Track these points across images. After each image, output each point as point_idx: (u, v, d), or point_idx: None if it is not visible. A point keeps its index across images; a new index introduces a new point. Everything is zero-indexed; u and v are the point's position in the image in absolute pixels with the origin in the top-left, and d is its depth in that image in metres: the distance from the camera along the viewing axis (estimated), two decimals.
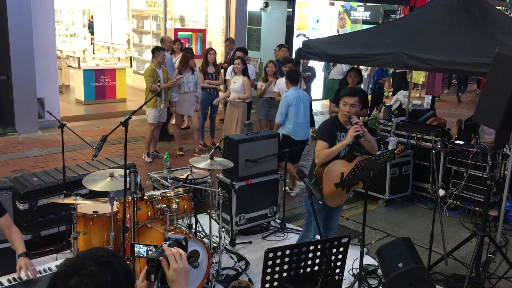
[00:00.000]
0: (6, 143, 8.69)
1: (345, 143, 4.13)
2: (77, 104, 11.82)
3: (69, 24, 15.34)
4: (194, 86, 8.09)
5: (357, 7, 15.81)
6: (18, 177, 5.24)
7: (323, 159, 4.14)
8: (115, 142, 8.80)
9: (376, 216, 6.34)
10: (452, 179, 6.46)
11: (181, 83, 7.93)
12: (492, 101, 4.07)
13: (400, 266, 4.27)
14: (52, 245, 4.93)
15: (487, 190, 4.53)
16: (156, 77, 7.71)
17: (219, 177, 5.59)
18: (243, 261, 4.92)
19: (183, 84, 7.96)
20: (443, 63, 5.68)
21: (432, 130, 6.80)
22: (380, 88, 11.48)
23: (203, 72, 8.73)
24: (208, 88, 8.68)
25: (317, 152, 4.19)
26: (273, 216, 5.77)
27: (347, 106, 4.17)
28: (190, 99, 8.08)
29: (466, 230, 5.93)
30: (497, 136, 4.62)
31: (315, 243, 2.94)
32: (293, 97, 6.49)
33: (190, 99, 8.09)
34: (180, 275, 1.67)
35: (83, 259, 1.47)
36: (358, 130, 4.06)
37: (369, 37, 6.91)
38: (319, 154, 4.16)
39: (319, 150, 4.16)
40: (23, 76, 9.02)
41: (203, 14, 13.19)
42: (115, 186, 3.98)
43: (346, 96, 4.19)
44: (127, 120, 3.82)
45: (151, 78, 7.71)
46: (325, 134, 4.22)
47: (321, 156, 4.15)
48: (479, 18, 6.25)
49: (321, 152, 4.15)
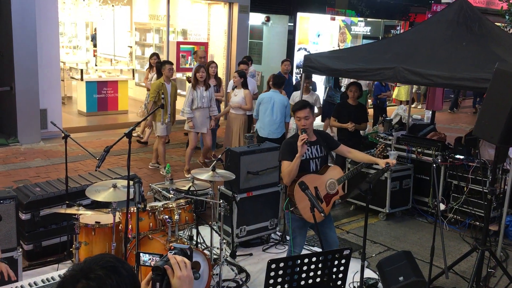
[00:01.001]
0: (9, 153, 8.73)
1: (298, 156, 4.08)
2: (79, 115, 11.88)
3: (72, 36, 15.47)
4: (208, 103, 7.71)
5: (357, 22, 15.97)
6: (20, 187, 5.26)
7: (288, 177, 4.11)
8: (117, 153, 8.83)
9: (376, 230, 6.35)
10: (452, 194, 6.48)
11: (194, 97, 7.60)
12: (492, 116, 4.11)
13: (400, 280, 4.28)
14: (53, 255, 4.94)
15: (488, 204, 4.55)
16: (161, 91, 7.64)
17: (221, 189, 5.61)
18: (243, 273, 4.92)
19: (196, 99, 7.61)
20: (443, 78, 5.73)
21: (432, 145, 6.84)
22: (381, 103, 11.54)
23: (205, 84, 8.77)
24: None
25: (282, 172, 4.19)
26: (274, 228, 5.78)
27: (301, 120, 4.19)
28: (202, 115, 7.71)
29: (466, 244, 5.93)
30: (497, 151, 4.66)
31: (318, 255, 2.96)
32: (266, 96, 7.37)
33: (203, 115, 7.72)
34: (184, 283, 1.69)
35: (90, 264, 1.52)
36: (303, 139, 4.06)
37: (369, 52, 6.98)
38: (283, 174, 4.16)
39: (283, 170, 4.17)
40: (26, 87, 9.10)
41: (205, 28, 13.32)
42: (118, 197, 4.00)
43: (297, 111, 4.21)
44: (131, 131, 3.87)
45: (156, 92, 7.65)
46: (286, 153, 4.19)
47: (284, 174, 4.14)
48: (479, 34, 6.32)
49: (284, 172, 4.15)
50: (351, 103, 7.15)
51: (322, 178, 4.23)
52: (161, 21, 12.82)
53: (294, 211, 4.15)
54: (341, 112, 7.17)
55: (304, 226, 4.31)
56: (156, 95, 7.67)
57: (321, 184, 4.19)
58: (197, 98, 7.61)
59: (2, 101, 9.75)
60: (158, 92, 7.67)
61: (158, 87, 7.70)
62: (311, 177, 4.18)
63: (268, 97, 7.32)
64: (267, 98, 7.32)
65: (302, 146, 4.06)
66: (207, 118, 7.81)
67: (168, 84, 7.79)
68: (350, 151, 4.45)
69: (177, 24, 13.30)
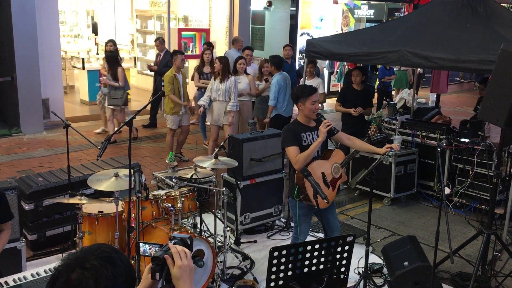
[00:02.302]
0: (11, 143, 8.73)
1: (320, 141, 4.06)
2: (82, 104, 11.86)
3: (73, 25, 15.38)
4: (225, 95, 7.27)
5: (360, 5, 15.77)
6: (23, 178, 5.26)
7: (303, 163, 4.01)
8: (120, 142, 8.82)
9: (381, 215, 6.32)
10: (457, 177, 6.43)
11: (213, 89, 7.37)
12: (498, 99, 4.04)
13: (405, 265, 4.25)
14: (57, 245, 4.95)
15: (493, 188, 4.50)
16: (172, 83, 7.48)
17: (224, 176, 5.59)
18: (248, 260, 4.92)
19: (211, 90, 7.41)
20: (448, 61, 5.65)
21: (437, 128, 6.78)
22: (385, 86, 11.43)
23: (199, 72, 8.77)
24: (203, 88, 8.62)
25: (293, 158, 4.06)
26: (278, 215, 5.76)
27: (316, 104, 4.17)
28: (219, 108, 7.36)
29: (472, 228, 5.90)
30: (503, 134, 4.60)
31: (321, 242, 2.93)
32: (282, 82, 7.58)
33: (220, 108, 7.35)
34: (184, 273, 1.67)
35: (86, 253, 1.51)
36: (328, 125, 4.04)
37: (373, 35, 6.88)
38: (297, 160, 4.03)
39: (295, 156, 4.05)
40: (27, 77, 9.06)
41: (207, 14, 13.20)
42: (120, 186, 3.98)
43: (312, 95, 4.15)
44: (131, 120, 3.82)
45: (171, 85, 7.49)
46: (291, 139, 4.13)
47: (300, 160, 4.02)
48: (484, 15, 6.21)
49: (298, 157, 4.03)
50: (356, 87, 7.07)
51: (327, 163, 4.20)
52: (162, 8, 12.70)
53: (304, 199, 4.11)
54: (346, 97, 7.09)
55: (309, 213, 4.29)
56: (171, 87, 7.47)
57: (327, 169, 4.16)
58: (213, 89, 7.38)
59: (4, 91, 9.73)
60: (172, 84, 7.49)
61: (172, 79, 7.51)
62: (318, 163, 4.15)
63: (283, 82, 7.56)
64: (284, 83, 7.57)
65: (326, 132, 4.05)
66: (224, 112, 7.36)
67: (179, 75, 7.63)
68: (350, 138, 4.40)
69: (178, 11, 13.18)
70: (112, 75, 8.52)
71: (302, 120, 4.26)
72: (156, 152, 8.52)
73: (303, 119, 4.24)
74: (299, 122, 4.27)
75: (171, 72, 7.62)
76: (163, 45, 9.87)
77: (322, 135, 4.07)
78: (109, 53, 8.97)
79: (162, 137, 9.35)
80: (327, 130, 4.05)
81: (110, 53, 8.94)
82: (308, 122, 4.24)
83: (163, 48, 9.82)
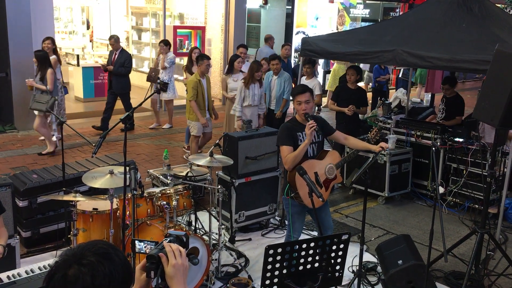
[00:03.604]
0: (5, 140, 8.68)
1: (306, 143, 4.07)
2: (76, 101, 11.82)
3: (68, 21, 15.30)
4: (259, 100, 7.37)
5: (356, 4, 15.80)
6: (17, 174, 5.24)
7: (292, 163, 4.05)
8: (115, 139, 8.80)
9: (375, 214, 6.34)
10: (451, 177, 6.46)
11: (246, 95, 7.21)
12: (492, 98, 4.06)
13: (399, 263, 4.27)
14: (51, 242, 4.93)
15: (487, 187, 4.53)
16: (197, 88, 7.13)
17: (219, 174, 5.58)
18: (242, 258, 4.92)
19: (247, 97, 7.20)
20: (443, 61, 5.67)
21: (431, 128, 6.80)
22: (380, 86, 11.46)
23: (188, 71, 8.71)
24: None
25: (284, 158, 4.11)
26: (272, 213, 5.76)
27: (302, 105, 4.14)
28: (252, 113, 7.34)
29: (465, 227, 5.93)
30: (497, 134, 4.62)
31: (316, 240, 2.94)
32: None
33: (253, 113, 7.34)
34: (178, 272, 1.68)
35: (83, 250, 1.52)
36: (312, 126, 4.01)
37: (368, 35, 6.89)
38: (287, 160, 4.08)
39: (286, 156, 4.09)
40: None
41: (202, 11, 13.18)
42: (115, 183, 3.97)
43: (298, 95, 4.15)
44: (126, 117, 3.82)
45: (195, 90, 7.08)
46: (285, 138, 4.15)
47: (289, 160, 4.06)
48: (479, 15, 6.24)
49: (288, 157, 4.07)
50: (351, 86, 7.08)
51: (322, 164, 4.21)
52: (158, 5, 12.67)
53: (295, 197, 4.12)
54: (340, 96, 7.10)
55: (303, 211, 4.30)
56: (194, 93, 7.11)
57: (320, 169, 4.17)
58: (249, 96, 7.23)
59: None
60: (196, 89, 7.12)
61: (196, 85, 7.12)
62: (311, 162, 4.15)
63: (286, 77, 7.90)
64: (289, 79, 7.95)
65: (311, 134, 4.02)
66: (255, 117, 7.42)
67: (203, 79, 7.26)
68: (346, 137, 4.42)
69: (173, 8, 13.15)
70: (40, 76, 7.68)
71: (299, 119, 4.27)
72: (151, 150, 8.51)
73: (300, 118, 4.25)
74: (296, 121, 4.28)
75: (195, 77, 7.17)
76: (118, 44, 9.34)
77: (308, 137, 4.05)
78: (40, 52, 7.93)
79: (153, 135, 9.32)
80: (311, 132, 4.02)
81: (40, 52, 7.89)
82: (305, 121, 4.25)
83: (118, 46, 9.30)
